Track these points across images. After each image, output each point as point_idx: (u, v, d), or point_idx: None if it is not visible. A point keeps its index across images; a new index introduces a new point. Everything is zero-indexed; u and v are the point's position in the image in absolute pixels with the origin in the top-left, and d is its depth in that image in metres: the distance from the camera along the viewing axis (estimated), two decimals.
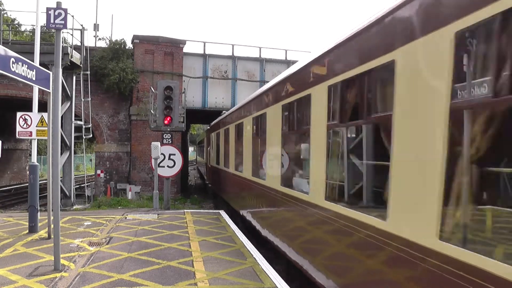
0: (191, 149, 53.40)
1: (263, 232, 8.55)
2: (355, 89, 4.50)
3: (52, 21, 7.03)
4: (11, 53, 6.23)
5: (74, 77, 16.95)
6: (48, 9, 7.04)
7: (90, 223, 10.81)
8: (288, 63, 21.39)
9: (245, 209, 10.71)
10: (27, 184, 11.46)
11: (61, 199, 12.13)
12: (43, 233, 9.26)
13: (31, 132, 9.32)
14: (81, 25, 19.14)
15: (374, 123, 4.26)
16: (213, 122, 18.62)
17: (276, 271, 6.71)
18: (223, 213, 12.87)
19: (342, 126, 4.86)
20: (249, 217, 10.16)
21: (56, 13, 7.03)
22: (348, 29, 4.78)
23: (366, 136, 4.50)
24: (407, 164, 3.43)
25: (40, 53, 10.14)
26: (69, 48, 15.61)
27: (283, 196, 7.05)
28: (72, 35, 16.87)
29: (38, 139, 9.81)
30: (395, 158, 3.57)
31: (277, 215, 7.63)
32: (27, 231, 9.44)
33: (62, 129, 14.82)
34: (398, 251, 3.44)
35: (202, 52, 21.07)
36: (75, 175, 18.13)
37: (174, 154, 14.26)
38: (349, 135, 4.94)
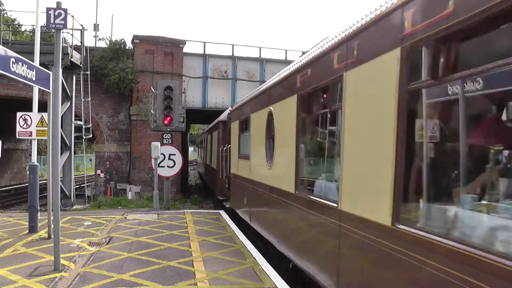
0: (191, 149, 53.43)
1: None
2: None
3: (52, 21, 7.02)
4: (11, 53, 6.22)
5: (74, 77, 16.96)
6: (48, 9, 7.03)
7: (90, 223, 10.81)
8: (288, 63, 21.34)
9: None
10: (27, 184, 11.46)
11: (61, 199, 12.13)
12: (43, 233, 9.25)
13: (31, 132, 9.32)
14: (81, 25, 19.20)
15: None
16: (243, 101, 10.93)
17: None
18: (223, 213, 12.86)
19: None
20: None
21: (56, 13, 7.02)
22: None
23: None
24: None
25: (40, 53, 10.13)
26: (69, 48, 15.61)
27: None
28: (72, 35, 16.90)
29: (38, 139, 9.80)
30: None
31: None
32: (27, 231, 9.43)
33: (62, 129, 14.82)
34: None
35: (202, 52, 21.09)
36: (75, 175, 18.13)
37: (174, 154, 14.26)
38: None
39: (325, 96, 5.57)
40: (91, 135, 18.43)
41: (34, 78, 7.09)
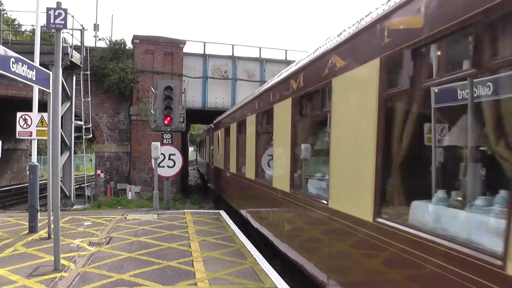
0: (191, 149, 53.44)
1: None
2: None
3: (52, 21, 7.02)
4: (11, 53, 6.22)
5: (74, 77, 16.96)
6: (48, 9, 7.03)
7: (90, 223, 10.81)
8: (288, 63, 21.35)
9: None
10: (27, 184, 11.46)
11: (61, 199, 12.13)
12: (43, 233, 9.25)
13: (31, 132, 9.32)
14: (81, 25, 19.21)
15: None
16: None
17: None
18: (223, 213, 12.87)
19: None
20: None
21: (56, 13, 7.02)
22: None
23: None
24: None
25: (40, 53, 10.13)
26: (69, 48, 15.61)
27: None
28: (72, 35, 16.90)
29: (38, 139, 9.80)
30: None
31: None
32: (27, 231, 9.43)
33: (62, 129, 14.81)
34: None
35: (202, 52, 21.09)
36: (75, 175, 18.13)
37: (174, 154, 14.26)
38: None
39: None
40: (91, 135, 18.43)
41: (34, 78, 7.09)
